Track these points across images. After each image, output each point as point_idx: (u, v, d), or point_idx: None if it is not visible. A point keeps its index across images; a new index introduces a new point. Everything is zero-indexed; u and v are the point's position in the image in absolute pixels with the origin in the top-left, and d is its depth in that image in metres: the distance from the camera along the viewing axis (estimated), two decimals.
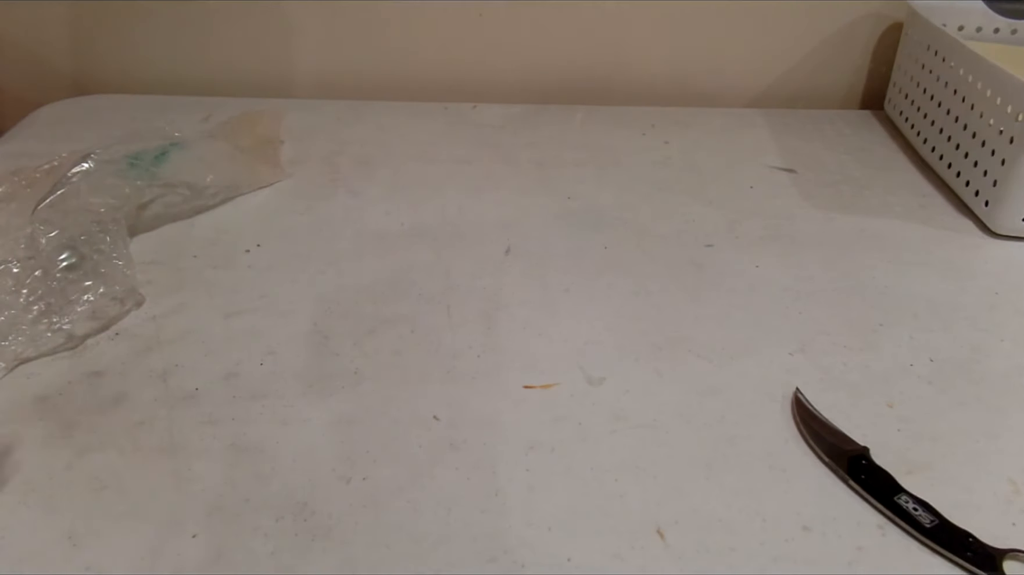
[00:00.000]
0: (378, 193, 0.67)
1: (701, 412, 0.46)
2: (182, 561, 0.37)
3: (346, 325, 0.52)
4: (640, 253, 0.60)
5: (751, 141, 0.77)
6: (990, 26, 0.78)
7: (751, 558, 0.38)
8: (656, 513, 0.40)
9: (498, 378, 0.48)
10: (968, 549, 0.38)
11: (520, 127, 0.79)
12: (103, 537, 0.38)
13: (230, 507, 0.40)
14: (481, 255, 0.59)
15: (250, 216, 0.63)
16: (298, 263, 0.58)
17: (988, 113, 0.63)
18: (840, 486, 0.42)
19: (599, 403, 0.47)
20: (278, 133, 0.75)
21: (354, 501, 0.40)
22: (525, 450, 0.44)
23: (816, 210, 0.66)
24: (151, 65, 0.84)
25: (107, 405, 0.46)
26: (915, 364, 0.50)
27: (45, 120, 0.77)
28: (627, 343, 0.51)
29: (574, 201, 0.67)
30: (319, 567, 0.37)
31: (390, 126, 0.78)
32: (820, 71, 0.86)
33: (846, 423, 0.45)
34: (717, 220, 0.64)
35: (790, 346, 0.51)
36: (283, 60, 0.84)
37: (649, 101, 0.86)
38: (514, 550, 0.38)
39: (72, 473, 0.42)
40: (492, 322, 0.53)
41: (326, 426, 0.45)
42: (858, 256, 0.60)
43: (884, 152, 0.76)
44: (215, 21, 0.82)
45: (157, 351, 0.50)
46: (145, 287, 0.55)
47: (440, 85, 0.86)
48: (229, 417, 0.45)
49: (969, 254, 0.61)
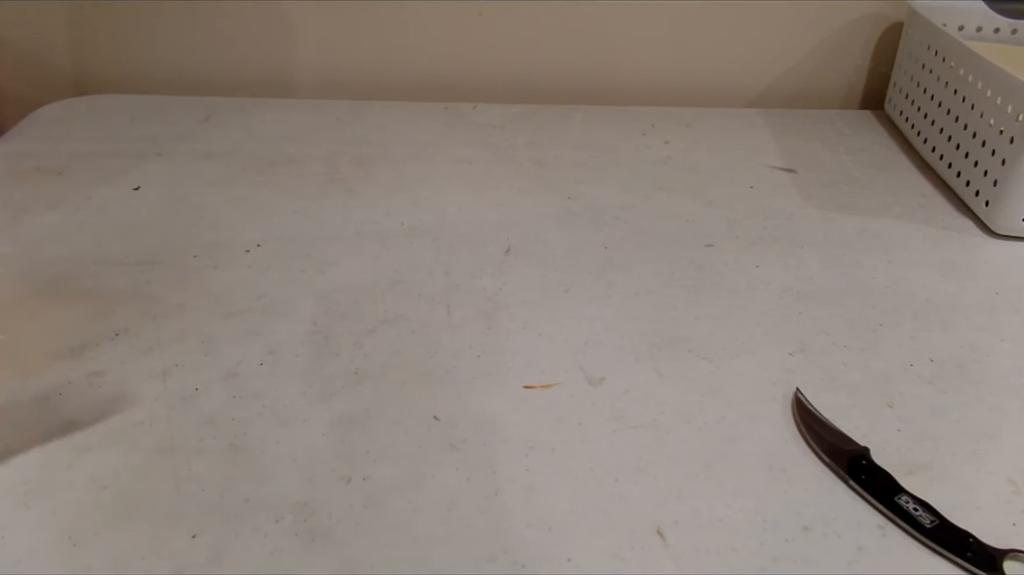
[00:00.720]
0: (378, 193, 0.67)
1: (701, 412, 0.46)
2: (182, 561, 0.37)
3: (346, 325, 0.52)
4: (640, 253, 0.60)
5: (751, 141, 0.77)
6: (990, 26, 0.78)
7: (751, 558, 0.38)
8: (656, 513, 0.40)
9: (498, 378, 0.48)
10: (968, 549, 0.38)
11: (520, 127, 0.79)
12: (103, 537, 0.38)
13: (230, 507, 0.40)
14: (481, 255, 0.59)
15: (250, 216, 0.63)
16: (298, 263, 0.58)
17: (988, 113, 0.63)
18: (840, 486, 0.42)
19: (599, 403, 0.47)
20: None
21: (354, 501, 0.40)
22: (525, 450, 0.44)
23: (816, 210, 0.66)
24: (151, 65, 0.84)
25: (107, 405, 0.46)
26: (915, 364, 0.50)
27: (45, 120, 0.77)
28: (627, 343, 0.51)
29: (574, 201, 0.67)
30: (319, 567, 0.37)
31: (390, 126, 0.78)
32: (820, 71, 0.86)
33: (846, 423, 0.45)
34: (717, 220, 0.64)
35: (790, 346, 0.51)
36: (283, 60, 0.84)
37: (649, 101, 0.86)
38: (514, 550, 0.38)
39: (72, 473, 0.42)
40: (492, 322, 0.53)
41: (326, 426, 0.45)
42: (858, 256, 0.60)
43: (884, 152, 0.76)
44: (215, 21, 0.82)
45: (157, 351, 0.50)
46: (145, 287, 0.55)
47: (440, 85, 0.86)
48: (229, 417, 0.45)
49: (969, 254, 0.61)
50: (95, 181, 0.67)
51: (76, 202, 0.64)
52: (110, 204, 0.64)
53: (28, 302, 0.53)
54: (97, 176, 0.68)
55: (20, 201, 0.64)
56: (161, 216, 0.63)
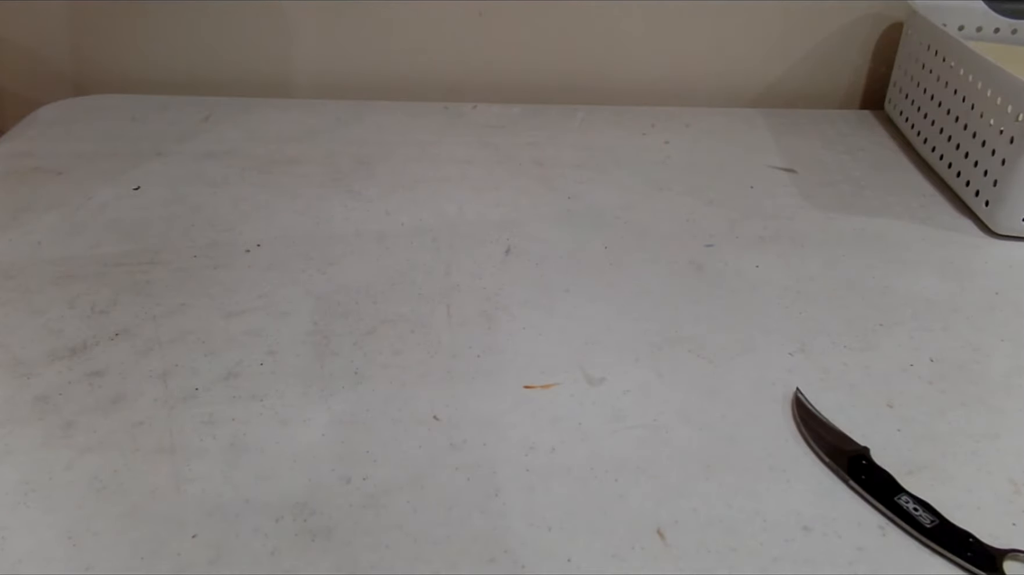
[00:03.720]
0: (378, 193, 0.67)
1: (701, 412, 0.46)
2: (182, 561, 0.37)
3: (346, 325, 0.52)
4: (640, 253, 0.60)
5: (751, 141, 0.77)
6: (990, 26, 0.78)
7: (751, 558, 0.38)
8: (656, 513, 0.40)
9: (498, 378, 0.48)
10: (968, 549, 0.38)
11: (520, 127, 0.79)
12: (103, 537, 0.38)
13: (230, 507, 0.40)
14: (481, 255, 0.59)
15: (250, 216, 0.63)
16: (298, 263, 0.58)
17: (988, 113, 0.63)
18: (840, 486, 0.42)
19: (599, 403, 0.47)
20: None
21: (354, 501, 0.40)
22: (525, 450, 0.44)
23: (816, 210, 0.66)
24: (151, 65, 0.84)
25: (107, 405, 0.46)
26: (915, 364, 0.50)
27: (45, 120, 0.77)
28: (627, 343, 0.51)
29: (574, 201, 0.67)
30: (319, 567, 0.37)
31: (390, 126, 0.78)
32: (820, 71, 0.86)
33: (846, 423, 0.45)
34: (717, 220, 0.64)
35: (790, 346, 0.51)
36: (283, 60, 0.84)
37: (649, 101, 0.86)
38: (514, 550, 0.38)
39: (72, 473, 0.42)
40: (492, 322, 0.53)
41: (326, 426, 0.45)
42: (858, 256, 0.60)
43: (884, 152, 0.76)
44: (215, 21, 0.82)
45: (157, 351, 0.50)
46: (145, 287, 0.55)
47: (440, 85, 0.86)
48: (229, 417, 0.45)
49: (969, 254, 0.61)
50: (95, 181, 0.67)
51: (76, 202, 0.64)
52: (110, 204, 0.64)
53: (28, 302, 0.53)
54: (97, 176, 0.68)
55: (20, 201, 0.64)
56: (161, 216, 0.63)
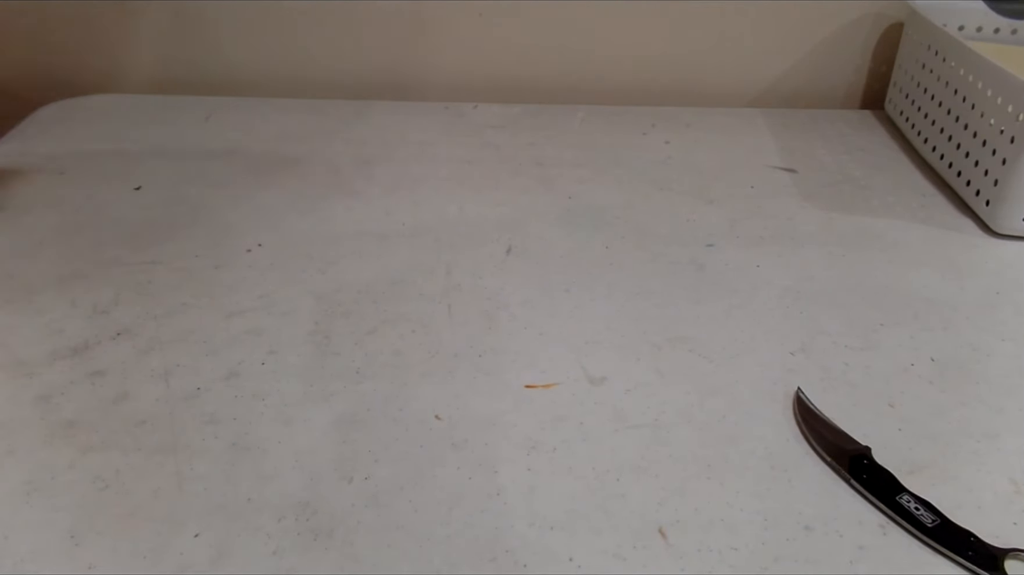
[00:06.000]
0: (378, 193, 0.67)
1: (702, 412, 0.46)
2: (184, 561, 0.37)
3: (347, 325, 0.52)
4: (640, 253, 0.60)
5: (751, 141, 0.77)
6: (990, 26, 0.78)
7: (753, 557, 0.38)
8: (658, 513, 0.40)
9: (499, 378, 0.48)
10: (969, 548, 0.38)
11: (520, 127, 0.79)
12: (105, 537, 0.38)
13: (232, 507, 0.40)
14: (482, 255, 0.59)
15: (250, 216, 0.63)
16: (299, 263, 0.58)
17: (989, 113, 0.63)
18: (842, 486, 0.42)
19: (600, 403, 0.47)
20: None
21: (356, 501, 0.40)
22: (527, 450, 0.44)
23: (816, 210, 0.66)
24: (151, 65, 0.84)
25: (108, 405, 0.46)
26: (916, 364, 0.50)
27: (45, 120, 0.77)
28: (628, 343, 0.51)
29: (574, 201, 0.67)
30: (321, 567, 0.37)
31: (390, 126, 0.78)
32: (820, 71, 0.86)
33: (847, 423, 0.45)
34: (717, 220, 0.65)
35: (791, 346, 0.51)
36: (284, 60, 0.84)
37: (649, 101, 0.86)
38: (516, 550, 0.38)
39: (74, 473, 0.42)
40: (493, 322, 0.53)
41: (327, 426, 0.45)
42: (858, 256, 0.60)
43: (884, 152, 0.76)
44: (215, 21, 0.82)
45: (158, 351, 0.50)
46: (146, 287, 0.55)
47: (440, 85, 0.86)
48: (231, 417, 0.45)
49: (970, 254, 0.61)
50: (95, 181, 0.67)
51: (77, 202, 0.64)
52: (110, 204, 0.64)
53: (28, 302, 0.53)
54: (97, 176, 0.68)
55: (21, 201, 0.64)
56: (161, 216, 0.63)
